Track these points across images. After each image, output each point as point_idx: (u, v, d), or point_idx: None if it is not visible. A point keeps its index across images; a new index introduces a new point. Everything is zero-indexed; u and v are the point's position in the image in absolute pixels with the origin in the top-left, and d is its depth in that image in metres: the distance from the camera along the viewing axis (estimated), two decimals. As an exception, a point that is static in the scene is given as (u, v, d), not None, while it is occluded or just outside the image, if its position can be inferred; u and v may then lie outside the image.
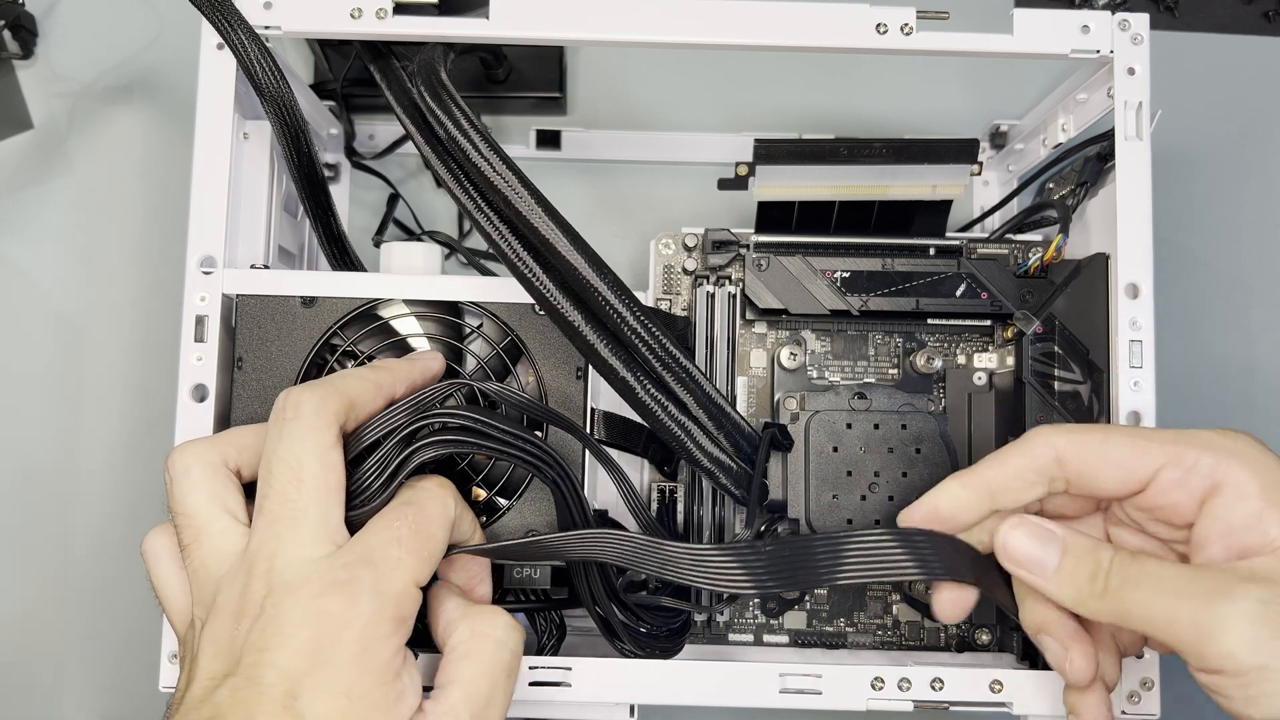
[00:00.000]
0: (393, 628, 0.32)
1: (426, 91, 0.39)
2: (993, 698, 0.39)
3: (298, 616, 0.32)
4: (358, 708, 0.31)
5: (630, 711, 0.40)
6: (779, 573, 0.35)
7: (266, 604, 0.32)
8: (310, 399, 0.34)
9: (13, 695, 0.54)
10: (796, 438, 0.43)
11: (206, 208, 0.41)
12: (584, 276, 0.37)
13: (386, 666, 0.32)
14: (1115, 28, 0.42)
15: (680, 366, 0.38)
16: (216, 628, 0.33)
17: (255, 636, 0.32)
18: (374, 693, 0.32)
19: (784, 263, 0.45)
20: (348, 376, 0.37)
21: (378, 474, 0.35)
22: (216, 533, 0.34)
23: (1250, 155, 0.60)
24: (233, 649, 0.32)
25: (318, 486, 0.34)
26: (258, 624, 0.32)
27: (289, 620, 0.31)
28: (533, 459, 0.37)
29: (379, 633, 0.32)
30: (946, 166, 0.44)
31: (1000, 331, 0.46)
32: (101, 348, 0.57)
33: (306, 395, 0.35)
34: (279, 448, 0.34)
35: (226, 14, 0.41)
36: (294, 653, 0.31)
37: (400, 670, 0.33)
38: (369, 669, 0.32)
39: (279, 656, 0.31)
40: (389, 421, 0.36)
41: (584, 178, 0.59)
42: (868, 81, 0.61)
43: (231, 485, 0.35)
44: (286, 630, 0.31)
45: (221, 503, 0.35)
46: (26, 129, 0.59)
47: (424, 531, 0.34)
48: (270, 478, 0.34)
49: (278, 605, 0.32)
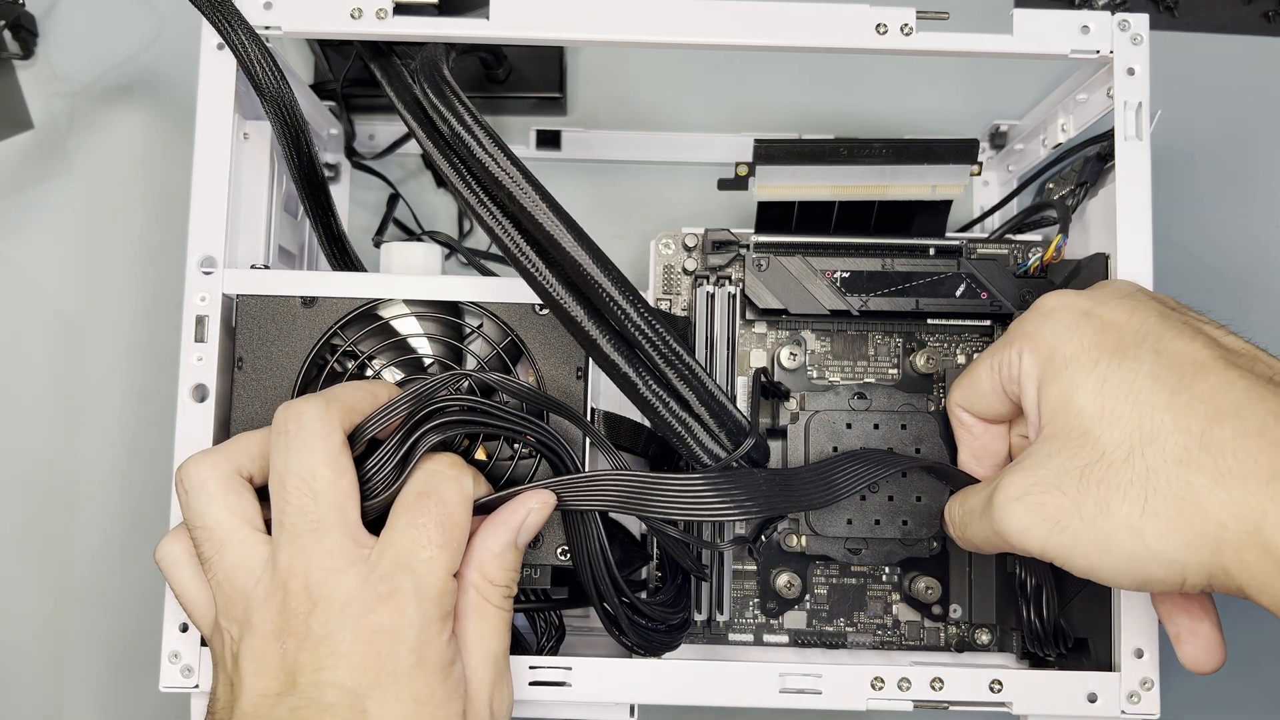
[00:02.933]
0: (441, 626, 0.34)
1: (430, 88, 0.39)
2: (993, 698, 0.39)
3: (350, 635, 0.32)
4: (427, 709, 0.33)
5: (630, 711, 0.40)
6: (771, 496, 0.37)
7: (312, 623, 0.33)
8: (311, 408, 0.35)
9: (13, 695, 0.54)
10: (796, 438, 0.43)
11: (206, 208, 0.41)
12: (588, 271, 0.37)
13: (443, 662, 0.33)
14: (1115, 28, 0.42)
15: (682, 362, 0.38)
16: (256, 645, 0.33)
17: (307, 656, 0.32)
18: (438, 691, 0.33)
19: (784, 263, 0.45)
20: (345, 386, 0.37)
21: (388, 463, 0.36)
22: (238, 544, 0.35)
23: (1250, 155, 0.60)
24: (284, 668, 0.33)
25: (333, 494, 0.34)
26: (306, 643, 0.32)
27: (342, 639, 0.32)
28: (537, 438, 0.38)
29: (430, 634, 0.33)
30: (946, 166, 0.44)
31: (1000, 331, 0.46)
32: (101, 348, 0.57)
33: (307, 406, 0.35)
34: (290, 461, 0.34)
35: (226, 14, 0.41)
36: (353, 670, 0.32)
37: (454, 658, 0.34)
38: (430, 671, 0.33)
39: (339, 675, 0.32)
40: (391, 414, 0.36)
41: (584, 178, 0.59)
42: (868, 81, 0.61)
43: (247, 495, 0.36)
44: (341, 649, 0.32)
45: (240, 514, 0.35)
46: (26, 129, 0.59)
47: (449, 522, 0.35)
48: (285, 493, 0.34)
49: (325, 625, 0.33)
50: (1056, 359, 0.35)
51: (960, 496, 0.40)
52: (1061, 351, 0.35)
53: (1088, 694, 0.39)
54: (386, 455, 0.36)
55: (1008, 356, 0.37)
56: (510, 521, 0.36)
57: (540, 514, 0.37)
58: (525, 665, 0.39)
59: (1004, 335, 0.39)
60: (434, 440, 0.36)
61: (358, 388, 0.37)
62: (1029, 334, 0.37)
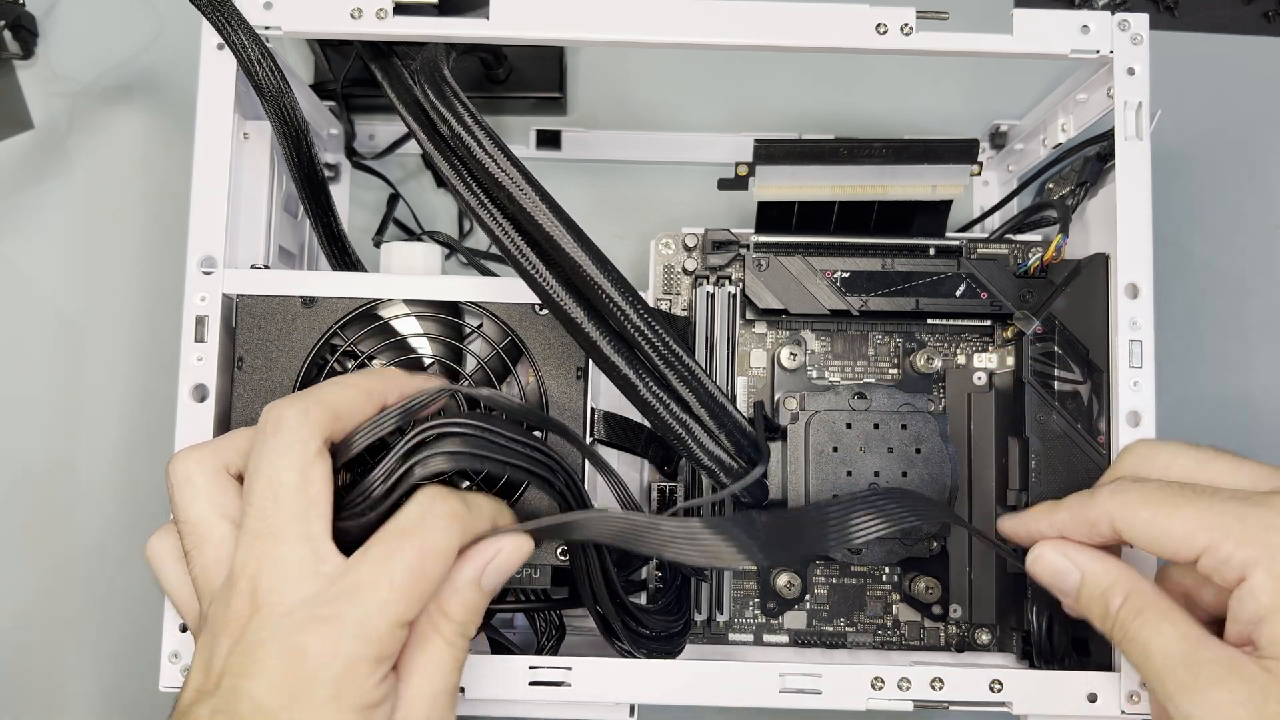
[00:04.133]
0: (372, 668, 0.32)
1: (430, 89, 0.39)
2: (993, 698, 0.39)
3: (275, 648, 0.31)
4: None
5: (630, 711, 0.40)
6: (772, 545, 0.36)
7: (249, 627, 0.32)
8: (292, 411, 0.34)
9: (13, 695, 0.54)
10: (796, 438, 0.43)
11: (206, 208, 0.41)
12: (587, 273, 0.37)
13: (364, 703, 0.32)
14: (1115, 28, 0.42)
15: (682, 364, 0.38)
16: (205, 640, 0.33)
17: (235, 660, 0.32)
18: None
19: (784, 263, 0.45)
20: (335, 385, 0.36)
21: (376, 485, 0.34)
22: (216, 540, 0.34)
23: (1250, 155, 0.60)
24: (213, 666, 0.32)
25: (296, 501, 0.33)
26: (239, 647, 0.32)
27: (267, 651, 0.31)
28: (540, 468, 0.37)
29: (357, 674, 0.32)
30: (946, 166, 0.44)
31: (1000, 331, 0.46)
32: (101, 348, 0.57)
33: (289, 408, 0.34)
34: (261, 462, 0.34)
35: (226, 14, 0.41)
36: (269, 686, 0.31)
37: (381, 701, 0.32)
38: (346, 709, 0.31)
39: (254, 687, 0.31)
40: (379, 427, 0.35)
41: (584, 178, 0.59)
42: (868, 81, 0.61)
43: (232, 491, 0.35)
44: (264, 661, 0.31)
45: (221, 509, 0.35)
46: (26, 129, 0.59)
47: (420, 570, 0.33)
48: (250, 493, 0.33)
49: (259, 632, 0.32)
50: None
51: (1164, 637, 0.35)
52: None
53: (1088, 694, 0.39)
54: (378, 477, 0.34)
55: (1239, 557, 0.34)
56: (476, 559, 0.35)
57: (511, 557, 0.35)
58: (525, 665, 0.39)
59: (1215, 515, 0.35)
60: (431, 472, 0.34)
61: (349, 386, 0.36)
62: (1262, 547, 0.34)
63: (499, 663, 0.38)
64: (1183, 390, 0.57)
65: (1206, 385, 0.58)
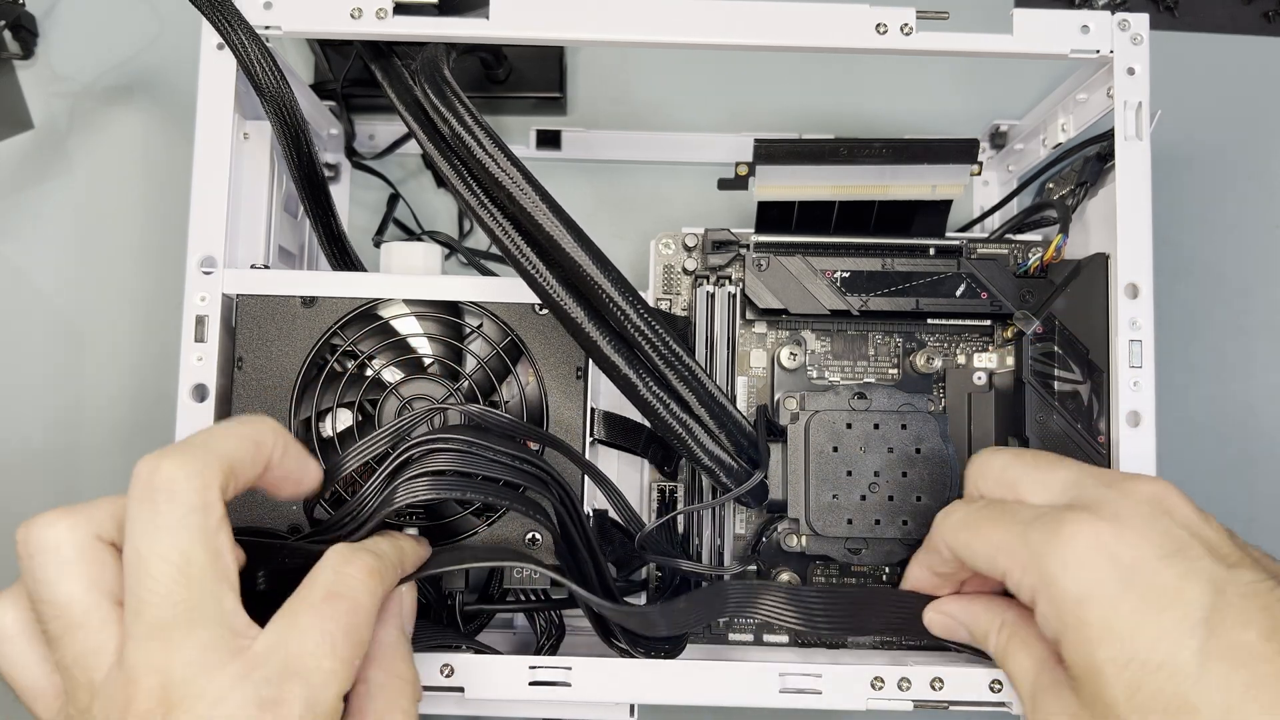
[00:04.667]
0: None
1: (430, 89, 0.39)
2: (993, 698, 0.39)
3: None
4: None
5: (630, 711, 0.40)
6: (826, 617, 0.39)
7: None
8: (183, 474, 0.30)
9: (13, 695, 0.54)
10: (796, 438, 0.43)
11: (206, 208, 0.41)
12: (587, 273, 0.37)
13: None
14: (1115, 28, 0.42)
15: (682, 364, 0.38)
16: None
17: None
18: None
19: (784, 263, 0.45)
20: (221, 436, 0.32)
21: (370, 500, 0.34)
22: (95, 625, 0.29)
23: (1250, 155, 0.60)
24: None
25: (210, 579, 0.29)
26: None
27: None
28: (532, 481, 0.37)
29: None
30: (946, 166, 0.44)
31: (1000, 331, 0.46)
32: (101, 348, 0.57)
33: (179, 471, 0.30)
34: (156, 541, 0.29)
35: (226, 14, 0.41)
36: None
37: None
38: None
39: None
40: (367, 450, 0.35)
41: (584, 178, 0.59)
42: (868, 81, 0.61)
43: (111, 564, 0.30)
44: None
45: (102, 588, 0.30)
46: (26, 129, 0.59)
47: (357, 635, 0.31)
48: (146, 576, 0.29)
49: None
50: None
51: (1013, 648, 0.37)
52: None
53: (1088, 694, 0.39)
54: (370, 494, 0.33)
55: (1026, 583, 0.34)
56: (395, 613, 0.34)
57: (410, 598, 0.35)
58: (525, 665, 0.38)
59: (1012, 541, 0.35)
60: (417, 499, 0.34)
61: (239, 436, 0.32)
62: (1041, 575, 0.34)
63: (499, 663, 0.38)
64: (1183, 390, 0.57)
65: (1206, 385, 0.58)
